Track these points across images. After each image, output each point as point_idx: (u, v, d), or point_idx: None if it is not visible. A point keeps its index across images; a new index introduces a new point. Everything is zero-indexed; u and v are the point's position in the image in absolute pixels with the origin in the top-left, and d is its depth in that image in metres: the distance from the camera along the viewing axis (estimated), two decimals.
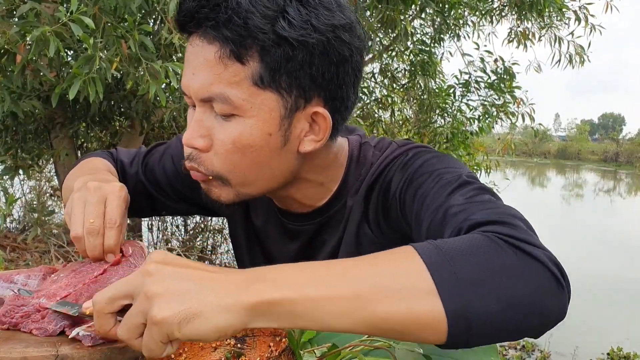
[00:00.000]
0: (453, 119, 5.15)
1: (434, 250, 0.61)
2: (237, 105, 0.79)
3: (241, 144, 0.81)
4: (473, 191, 0.76)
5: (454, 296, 0.58)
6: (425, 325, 0.59)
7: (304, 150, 0.86)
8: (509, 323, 0.60)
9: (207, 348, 0.73)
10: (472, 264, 0.60)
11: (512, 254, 0.61)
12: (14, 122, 3.35)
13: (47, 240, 3.58)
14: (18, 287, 0.81)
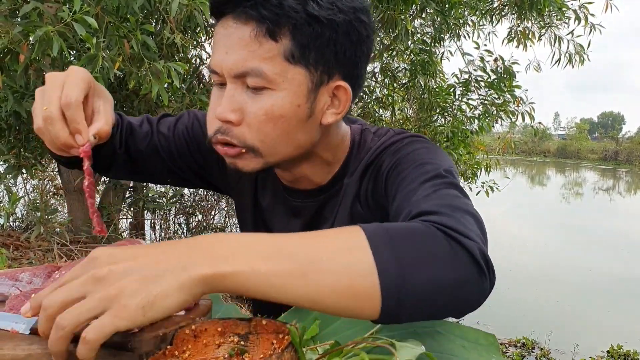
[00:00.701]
0: (453, 118, 5.15)
1: (378, 231, 0.67)
2: (271, 79, 0.86)
3: (273, 114, 0.87)
4: (442, 185, 0.82)
5: (390, 276, 0.63)
6: (363, 303, 0.64)
7: (326, 122, 0.93)
8: (435, 304, 0.66)
9: (210, 345, 0.74)
10: (409, 248, 0.65)
11: (445, 242, 0.67)
12: (17, 121, 3.35)
13: (50, 238, 3.59)
14: (23, 284, 0.82)
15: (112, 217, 4.12)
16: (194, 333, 0.73)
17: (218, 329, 0.74)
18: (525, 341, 3.93)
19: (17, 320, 0.69)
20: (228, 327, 0.75)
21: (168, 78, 2.69)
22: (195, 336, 0.73)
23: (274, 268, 0.63)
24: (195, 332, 0.73)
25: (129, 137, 1.12)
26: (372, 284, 0.63)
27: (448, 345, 0.78)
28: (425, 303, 0.65)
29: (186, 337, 0.72)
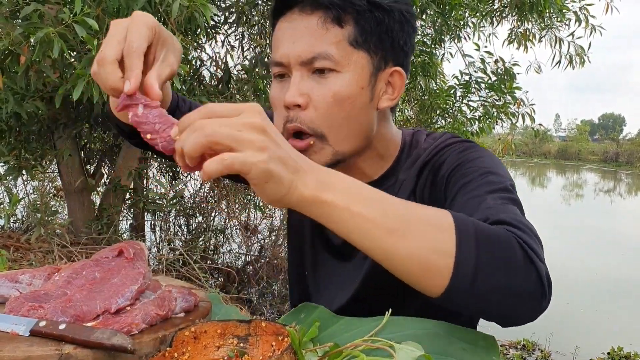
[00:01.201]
0: (454, 119, 5.15)
1: (467, 222, 0.72)
2: (338, 61, 0.93)
3: (340, 95, 0.94)
4: (509, 200, 0.86)
5: (465, 267, 0.68)
6: (432, 278, 0.69)
7: (382, 106, 1.00)
8: (495, 305, 0.72)
9: (210, 347, 0.74)
10: (490, 247, 0.70)
11: (522, 256, 0.71)
12: (17, 122, 3.35)
13: (51, 240, 3.59)
14: (23, 286, 0.83)
15: (112, 219, 4.12)
16: (193, 335, 0.73)
17: (218, 330, 0.75)
18: (525, 343, 3.92)
19: (17, 322, 0.69)
20: (227, 329, 0.75)
21: None
22: (195, 338, 0.73)
23: (367, 214, 0.68)
24: (195, 334, 0.73)
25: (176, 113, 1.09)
26: (447, 266, 0.68)
27: (448, 348, 0.78)
28: (487, 302, 0.71)
29: (186, 338, 0.72)
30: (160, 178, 4.77)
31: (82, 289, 0.76)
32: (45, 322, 0.68)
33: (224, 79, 3.91)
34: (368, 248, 0.70)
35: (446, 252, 0.69)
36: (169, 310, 0.77)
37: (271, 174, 0.63)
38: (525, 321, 0.75)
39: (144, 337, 0.69)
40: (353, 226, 0.68)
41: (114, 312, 0.73)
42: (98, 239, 3.93)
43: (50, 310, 0.71)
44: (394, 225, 0.69)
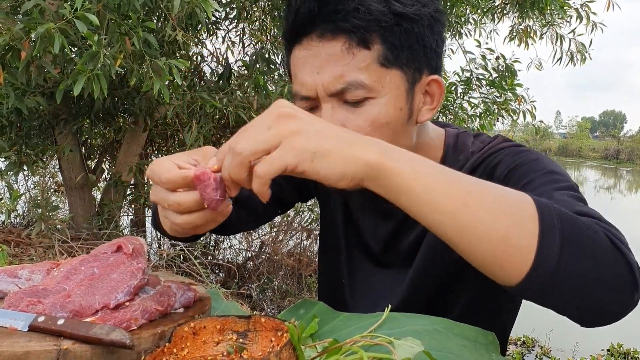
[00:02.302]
0: (455, 116, 5.14)
1: (549, 204, 0.65)
2: (371, 88, 0.85)
3: (379, 123, 0.86)
4: (577, 198, 0.79)
5: (550, 250, 0.61)
6: (512, 258, 0.62)
7: (422, 119, 0.92)
8: (577, 297, 0.63)
9: (209, 343, 0.74)
10: (576, 233, 0.63)
11: (608, 243, 0.64)
12: (18, 118, 3.36)
13: (51, 235, 3.60)
14: (22, 281, 0.83)
15: (113, 214, 4.12)
16: (192, 330, 0.73)
17: (217, 326, 0.75)
18: (525, 339, 3.93)
19: (16, 317, 0.69)
20: (227, 325, 0.75)
21: (169, 75, 2.69)
22: (194, 333, 0.73)
23: (437, 185, 0.63)
24: (194, 330, 0.73)
25: None
26: (530, 247, 0.62)
27: (447, 344, 0.78)
28: (572, 292, 0.63)
29: (185, 334, 0.72)
30: None
31: (80, 284, 0.76)
32: (44, 317, 0.68)
33: (224, 74, 3.91)
34: (439, 224, 0.63)
35: (529, 231, 0.62)
36: (168, 306, 0.77)
37: (314, 150, 0.60)
38: (612, 318, 0.66)
39: (143, 332, 0.69)
40: (424, 199, 0.62)
41: (113, 308, 0.73)
42: (99, 234, 3.94)
43: (49, 305, 0.71)
44: (470, 199, 0.62)
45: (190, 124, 3.52)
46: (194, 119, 3.51)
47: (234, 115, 3.45)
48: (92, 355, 0.64)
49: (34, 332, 0.67)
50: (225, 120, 3.71)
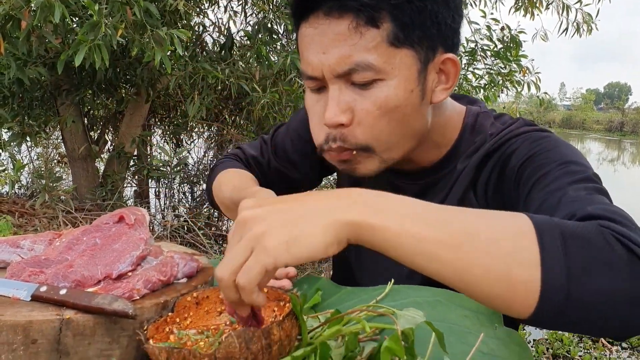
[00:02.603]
0: (459, 87, 5.10)
1: (548, 224, 0.60)
2: (380, 69, 0.81)
3: (388, 107, 0.83)
4: (594, 190, 0.74)
5: (556, 276, 0.57)
6: (515, 295, 0.58)
7: (437, 100, 0.88)
8: (601, 318, 0.58)
9: (212, 312, 0.74)
10: (582, 251, 0.58)
11: (623, 253, 0.59)
12: (20, 88, 3.34)
13: (55, 206, 3.61)
14: (24, 251, 0.82)
15: (116, 186, 4.13)
16: (195, 300, 0.73)
17: (219, 296, 0.75)
18: None
19: (18, 287, 0.69)
20: None
21: (171, 45, 2.66)
22: (197, 303, 0.73)
23: (426, 233, 0.58)
24: (197, 300, 0.73)
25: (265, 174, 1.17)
26: (533, 278, 0.57)
27: (449, 315, 0.78)
28: (590, 314, 0.57)
29: (187, 304, 0.72)
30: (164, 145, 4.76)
31: (83, 254, 0.76)
32: (46, 287, 0.68)
33: (226, 45, 3.87)
34: (438, 272, 0.59)
35: (529, 261, 0.57)
36: (171, 276, 0.77)
37: (285, 240, 0.56)
38: None
39: (145, 302, 0.69)
40: (414, 250, 0.58)
41: (115, 278, 0.73)
42: (102, 205, 3.95)
43: (51, 275, 0.71)
44: (460, 239, 0.58)
45: (192, 95, 3.50)
46: (196, 90, 3.49)
47: (236, 86, 3.43)
48: (95, 325, 0.64)
49: (37, 302, 0.67)
50: (227, 92, 3.69)
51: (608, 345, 3.45)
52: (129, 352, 0.66)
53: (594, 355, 3.25)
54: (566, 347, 3.33)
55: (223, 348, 0.57)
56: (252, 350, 0.58)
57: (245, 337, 0.58)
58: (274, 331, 0.60)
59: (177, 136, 4.92)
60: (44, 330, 0.62)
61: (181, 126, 4.68)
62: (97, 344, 0.64)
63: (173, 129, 4.83)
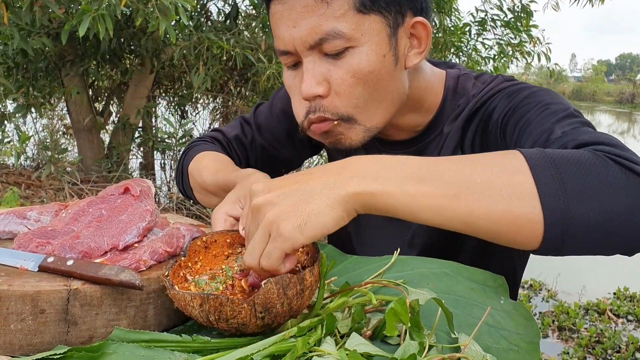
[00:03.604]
0: (468, 58, 5.04)
1: (540, 155, 0.63)
2: (350, 36, 0.82)
3: (362, 73, 0.84)
4: (579, 123, 0.77)
5: (555, 201, 0.60)
6: (521, 228, 0.61)
7: (411, 64, 0.89)
8: (605, 235, 0.61)
9: (219, 256, 0.77)
10: (576, 173, 0.61)
11: (618, 170, 0.62)
12: (24, 59, 3.32)
13: (61, 178, 3.62)
14: (31, 223, 0.83)
15: (122, 157, 4.13)
16: (204, 244, 0.75)
17: (227, 240, 0.77)
18: (532, 283, 3.97)
19: (26, 257, 0.70)
20: (236, 239, 0.78)
21: (175, 15, 2.63)
22: (206, 247, 0.76)
23: (425, 189, 0.62)
24: (206, 244, 0.76)
25: (247, 153, 1.17)
26: (533, 209, 0.60)
27: (456, 287, 0.78)
28: (593, 232, 0.60)
29: (197, 248, 0.74)
30: (169, 117, 4.74)
31: (89, 225, 0.76)
32: (53, 258, 0.68)
33: (231, 14, 3.81)
34: (443, 223, 0.63)
35: (527, 194, 0.60)
36: (177, 247, 0.77)
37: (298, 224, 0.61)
38: None
39: (152, 273, 0.69)
40: (417, 207, 0.62)
41: (122, 249, 0.73)
42: (108, 177, 3.96)
43: (58, 246, 0.71)
44: (458, 189, 0.61)
45: (197, 66, 3.47)
46: (201, 60, 3.46)
47: (242, 57, 3.39)
48: (102, 296, 0.64)
49: (44, 273, 0.67)
50: (232, 62, 3.65)
51: (614, 318, 3.47)
52: (136, 322, 0.67)
53: (600, 327, 3.27)
54: (572, 319, 3.35)
55: (262, 294, 0.60)
56: (288, 296, 0.62)
57: (283, 284, 0.61)
58: (307, 277, 0.63)
59: (182, 107, 4.90)
60: (52, 301, 0.62)
61: (186, 97, 4.65)
62: (104, 314, 0.65)
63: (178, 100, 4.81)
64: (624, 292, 3.84)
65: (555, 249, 0.62)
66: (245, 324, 0.62)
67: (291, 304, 0.63)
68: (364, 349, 0.58)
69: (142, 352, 0.59)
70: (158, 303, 0.68)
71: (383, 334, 0.65)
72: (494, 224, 0.61)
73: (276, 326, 0.65)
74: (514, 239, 0.63)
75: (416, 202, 0.62)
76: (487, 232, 0.63)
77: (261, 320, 0.62)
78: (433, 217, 0.63)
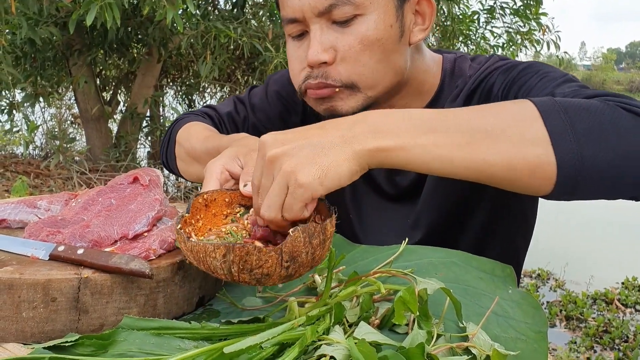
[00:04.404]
0: (476, 46, 5.00)
1: (550, 102, 0.64)
2: (359, 3, 0.85)
3: (369, 40, 0.86)
4: (580, 86, 0.78)
5: (566, 144, 0.61)
6: (534, 172, 0.62)
7: (415, 39, 0.92)
8: (617, 177, 0.62)
9: (219, 215, 0.76)
10: (586, 118, 0.62)
11: (627, 115, 0.63)
12: (32, 48, 3.33)
13: (70, 167, 3.64)
14: (41, 212, 0.83)
15: (130, 146, 4.15)
16: (205, 202, 0.75)
17: (226, 199, 0.77)
18: (540, 272, 3.97)
19: (37, 246, 0.70)
20: (235, 198, 0.78)
21: (182, 4, 2.62)
22: (206, 205, 0.76)
23: (437, 140, 0.63)
24: (206, 202, 0.76)
25: (239, 131, 1.15)
26: (546, 153, 0.61)
27: (464, 276, 0.78)
28: (605, 173, 0.62)
29: (199, 206, 0.74)
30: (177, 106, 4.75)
31: (99, 215, 0.76)
32: (63, 246, 0.68)
33: (239, 3, 3.80)
34: (457, 173, 0.64)
35: (539, 139, 0.61)
36: None
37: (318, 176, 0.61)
38: None
39: (161, 262, 0.70)
40: (430, 158, 0.63)
41: (132, 238, 0.74)
42: (116, 166, 3.98)
43: (69, 235, 0.71)
44: (471, 137, 0.62)
45: (204, 55, 3.46)
46: (208, 49, 3.45)
47: (249, 46, 3.38)
48: (113, 284, 0.65)
49: (55, 261, 0.68)
50: (240, 51, 3.64)
51: (622, 308, 3.47)
52: (146, 311, 0.67)
53: (607, 317, 3.27)
54: (579, 309, 3.35)
55: (290, 242, 0.60)
56: (312, 245, 0.63)
57: (309, 232, 0.62)
58: (328, 227, 0.64)
59: (190, 97, 4.90)
60: (63, 289, 0.62)
61: (193, 86, 4.65)
62: (114, 302, 0.65)
63: (185, 89, 4.81)
64: (632, 282, 3.83)
65: (568, 191, 0.63)
66: (269, 275, 0.62)
67: (314, 254, 0.63)
68: (372, 337, 0.58)
69: (152, 339, 0.59)
70: (167, 291, 0.69)
71: (391, 322, 0.65)
72: (507, 170, 0.62)
73: (296, 277, 0.65)
74: (528, 184, 0.64)
75: (429, 153, 0.63)
76: (501, 179, 0.64)
77: (285, 271, 0.62)
78: (446, 167, 0.64)
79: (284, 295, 0.75)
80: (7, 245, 0.72)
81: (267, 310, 0.72)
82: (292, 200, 0.62)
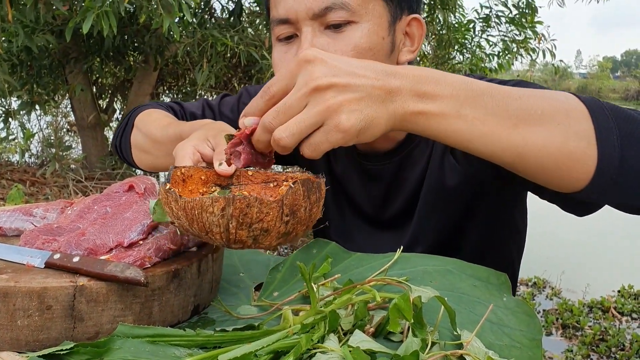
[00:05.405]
0: (472, 55, 5.03)
1: (595, 100, 0.64)
2: (354, 10, 0.84)
3: (361, 48, 0.85)
4: None
5: (610, 142, 0.61)
6: (575, 163, 0.61)
7: (402, 60, 0.92)
8: None
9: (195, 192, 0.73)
10: (629, 122, 0.62)
11: None
12: (28, 56, 3.33)
13: (65, 175, 3.63)
14: (37, 220, 0.83)
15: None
16: (182, 177, 0.73)
17: (202, 177, 0.75)
18: (536, 280, 3.96)
19: (32, 254, 0.70)
20: (210, 177, 0.76)
21: (179, 12, 2.63)
22: (183, 180, 0.73)
23: (483, 115, 0.60)
24: (184, 177, 0.73)
25: None
26: (590, 147, 0.61)
27: (459, 284, 0.78)
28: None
29: (177, 179, 0.72)
30: None
31: (94, 223, 0.77)
32: (59, 254, 0.68)
33: (235, 11, 3.81)
34: (494, 153, 0.62)
35: (584, 133, 0.61)
36: (182, 245, 0.77)
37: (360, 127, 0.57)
38: None
39: (157, 270, 0.70)
40: (470, 134, 0.60)
41: (127, 246, 0.74)
42: (112, 174, 3.97)
43: (64, 243, 0.71)
44: (518, 117, 0.60)
45: (201, 63, 3.47)
46: (205, 57, 3.46)
47: (246, 54, 3.39)
48: (108, 292, 0.65)
49: (50, 269, 0.68)
50: (236, 59, 3.65)
51: (618, 316, 3.47)
52: (141, 319, 0.67)
53: (604, 325, 3.27)
54: (576, 317, 3.35)
55: (290, 195, 0.59)
56: (310, 200, 0.62)
57: (307, 186, 0.61)
58: (322, 186, 0.64)
59: None
60: (58, 297, 0.62)
61: (190, 94, 4.66)
62: (110, 310, 0.65)
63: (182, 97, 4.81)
64: (629, 290, 3.83)
65: (601, 190, 0.63)
66: (268, 230, 0.60)
67: (312, 210, 0.62)
68: (367, 345, 0.58)
69: (147, 347, 0.59)
70: (163, 300, 0.69)
71: (386, 330, 0.65)
72: (547, 157, 0.61)
73: (292, 237, 0.63)
74: (564, 175, 0.63)
75: (471, 127, 0.60)
76: (538, 166, 0.62)
77: (284, 226, 0.60)
78: (486, 146, 0.61)
79: (279, 304, 0.75)
80: (3, 253, 0.72)
81: (262, 318, 0.71)
82: (322, 138, 0.58)
